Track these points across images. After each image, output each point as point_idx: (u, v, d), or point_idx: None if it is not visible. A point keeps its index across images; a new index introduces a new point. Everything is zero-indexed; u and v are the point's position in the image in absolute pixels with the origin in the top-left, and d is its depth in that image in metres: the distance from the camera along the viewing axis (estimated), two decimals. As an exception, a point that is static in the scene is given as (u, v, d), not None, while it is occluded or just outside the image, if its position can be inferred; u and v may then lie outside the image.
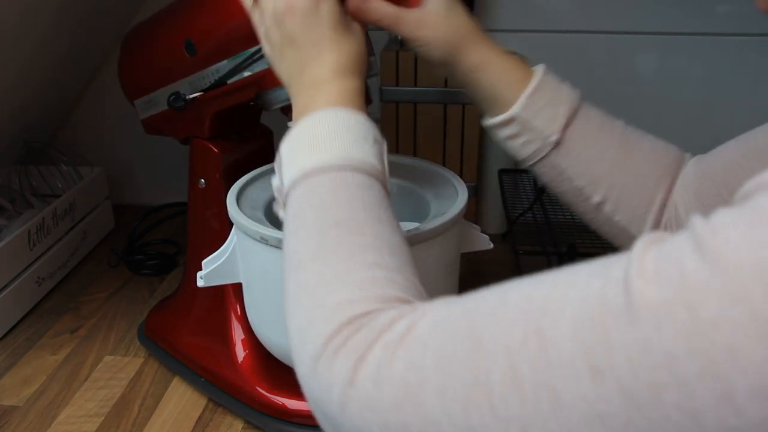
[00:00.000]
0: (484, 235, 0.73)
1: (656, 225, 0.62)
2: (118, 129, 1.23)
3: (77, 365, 0.84)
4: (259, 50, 0.62)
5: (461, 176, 0.75)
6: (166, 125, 0.77)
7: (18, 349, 0.87)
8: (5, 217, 1.00)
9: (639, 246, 0.31)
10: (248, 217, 0.65)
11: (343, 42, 0.52)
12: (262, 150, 0.80)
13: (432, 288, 0.65)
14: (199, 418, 0.75)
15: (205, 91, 0.70)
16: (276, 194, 0.50)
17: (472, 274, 1.03)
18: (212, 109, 0.72)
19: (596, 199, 0.62)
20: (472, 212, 1.14)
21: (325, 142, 0.46)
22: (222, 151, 0.74)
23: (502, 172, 1.10)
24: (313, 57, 0.51)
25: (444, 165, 0.97)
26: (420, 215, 0.70)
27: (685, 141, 1.09)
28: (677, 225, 0.61)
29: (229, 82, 0.67)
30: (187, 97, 0.70)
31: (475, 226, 0.73)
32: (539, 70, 0.61)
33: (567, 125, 0.60)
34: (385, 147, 0.49)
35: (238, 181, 0.72)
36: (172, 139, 1.19)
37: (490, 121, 0.63)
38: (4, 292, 0.88)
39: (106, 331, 0.91)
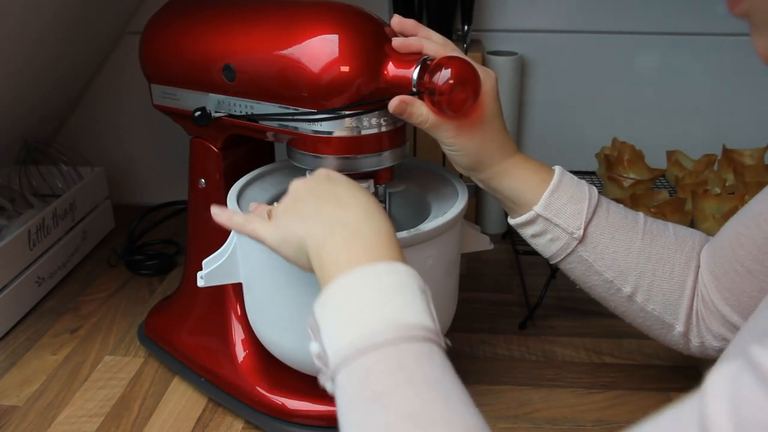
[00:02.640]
0: (484, 235, 0.73)
1: (689, 311, 0.63)
2: (118, 129, 1.23)
3: (77, 365, 0.84)
4: (303, 113, 0.61)
5: (461, 176, 0.75)
6: (179, 119, 0.76)
7: (18, 349, 0.87)
8: (5, 217, 1.00)
9: (710, 395, 0.30)
10: (248, 217, 0.65)
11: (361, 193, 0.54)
12: (262, 150, 0.80)
13: (432, 289, 0.65)
14: (199, 418, 0.75)
15: (233, 117, 0.68)
16: (317, 362, 0.44)
17: (472, 274, 1.03)
18: (233, 131, 0.71)
19: (627, 290, 0.63)
20: (472, 212, 1.14)
21: (372, 309, 0.42)
22: (222, 151, 0.74)
23: (502, 172, 1.10)
24: (338, 208, 0.51)
25: (444, 165, 0.97)
26: (420, 215, 0.70)
27: (685, 141, 1.10)
28: (704, 306, 0.62)
29: (260, 122, 0.66)
30: (213, 115, 0.68)
31: (475, 226, 0.73)
32: (557, 170, 0.64)
33: (590, 220, 0.62)
34: (429, 293, 0.46)
35: (238, 181, 0.72)
36: (171, 139, 1.19)
37: (514, 221, 0.66)
38: (4, 292, 0.88)
39: (106, 331, 0.91)
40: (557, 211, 0.62)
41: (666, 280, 0.62)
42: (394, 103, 0.59)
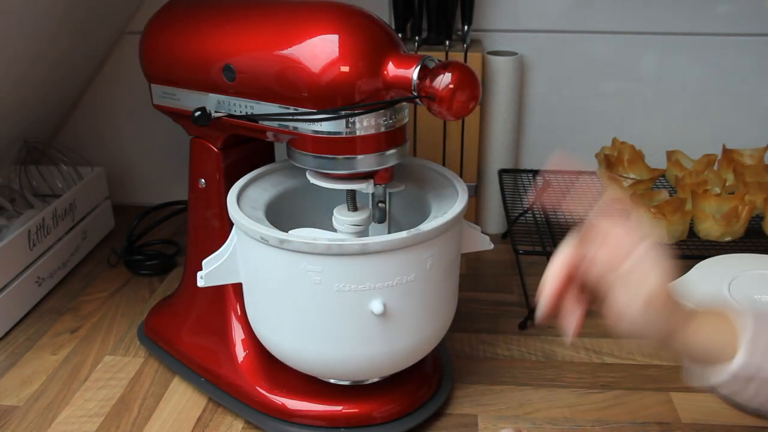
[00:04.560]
0: (484, 235, 0.73)
1: None
2: (118, 129, 1.23)
3: (77, 365, 0.84)
4: (303, 113, 0.61)
5: (461, 176, 0.75)
6: (179, 119, 0.76)
7: (18, 349, 0.87)
8: (5, 217, 1.00)
9: None
10: (248, 217, 0.65)
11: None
12: (262, 150, 0.80)
13: (432, 289, 0.65)
14: (199, 418, 0.75)
15: (233, 117, 0.67)
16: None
17: (472, 274, 1.03)
18: (233, 131, 0.70)
19: None
20: (472, 212, 1.14)
21: None
22: (222, 151, 0.74)
23: (502, 172, 1.10)
24: None
25: (444, 165, 0.97)
26: (420, 215, 0.70)
27: (685, 141, 1.10)
28: None
29: (260, 122, 0.65)
30: (213, 115, 0.68)
31: (475, 226, 0.73)
32: (748, 312, 0.55)
33: None
34: None
35: (238, 181, 0.72)
36: (171, 139, 1.19)
37: (720, 378, 0.54)
38: (4, 292, 0.89)
39: (106, 331, 0.91)
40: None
41: None
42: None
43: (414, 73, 0.59)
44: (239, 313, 0.76)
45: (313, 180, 0.66)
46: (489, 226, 1.15)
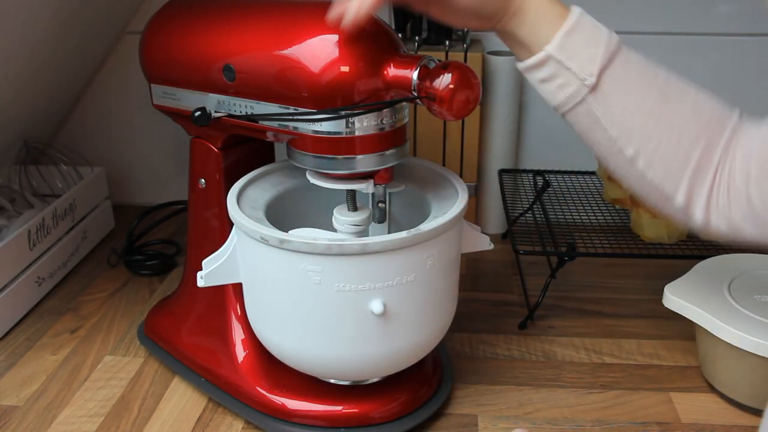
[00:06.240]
0: (484, 235, 0.73)
1: (692, 187, 0.58)
2: (118, 129, 1.23)
3: (77, 365, 0.84)
4: (303, 113, 0.61)
5: (461, 176, 0.75)
6: (179, 119, 0.76)
7: (18, 349, 0.87)
8: (5, 217, 1.00)
9: None
10: (248, 217, 0.65)
11: None
12: (262, 150, 0.80)
13: (432, 289, 0.65)
14: (199, 418, 0.75)
15: (233, 117, 0.68)
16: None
17: (472, 274, 1.03)
18: (233, 131, 0.70)
19: (629, 152, 0.58)
20: (472, 212, 1.14)
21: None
22: (222, 151, 0.74)
23: (502, 172, 1.10)
24: None
25: (444, 165, 0.97)
26: (420, 215, 0.70)
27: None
28: (729, 194, 0.57)
29: (260, 122, 0.66)
30: (213, 115, 0.68)
31: (475, 226, 0.73)
32: (575, 10, 0.59)
33: (604, 67, 0.58)
34: None
35: (238, 181, 0.72)
36: (171, 139, 1.19)
37: (524, 63, 0.59)
38: (4, 292, 0.89)
39: (106, 331, 0.91)
40: (570, 54, 0.57)
41: (669, 150, 0.57)
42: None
43: (414, 73, 0.59)
44: (239, 313, 0.76)
45: (313, 180, 0.66)
46: (489, 226, 1.15)
